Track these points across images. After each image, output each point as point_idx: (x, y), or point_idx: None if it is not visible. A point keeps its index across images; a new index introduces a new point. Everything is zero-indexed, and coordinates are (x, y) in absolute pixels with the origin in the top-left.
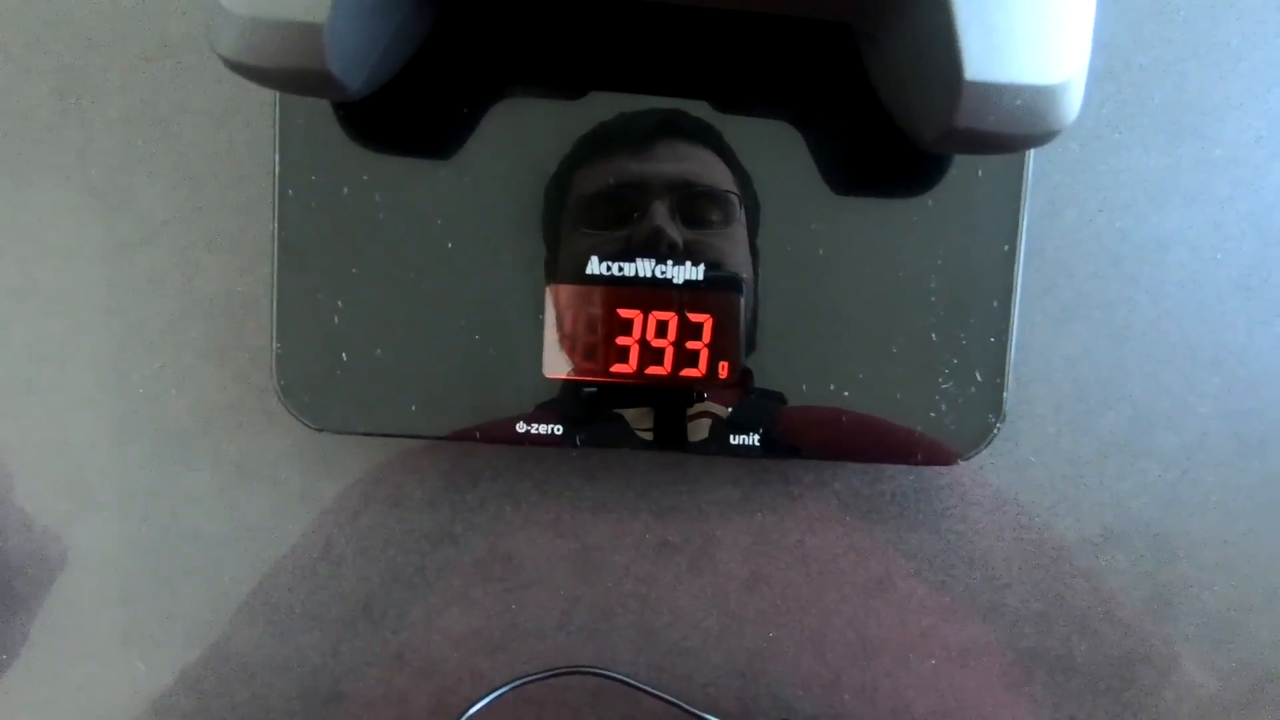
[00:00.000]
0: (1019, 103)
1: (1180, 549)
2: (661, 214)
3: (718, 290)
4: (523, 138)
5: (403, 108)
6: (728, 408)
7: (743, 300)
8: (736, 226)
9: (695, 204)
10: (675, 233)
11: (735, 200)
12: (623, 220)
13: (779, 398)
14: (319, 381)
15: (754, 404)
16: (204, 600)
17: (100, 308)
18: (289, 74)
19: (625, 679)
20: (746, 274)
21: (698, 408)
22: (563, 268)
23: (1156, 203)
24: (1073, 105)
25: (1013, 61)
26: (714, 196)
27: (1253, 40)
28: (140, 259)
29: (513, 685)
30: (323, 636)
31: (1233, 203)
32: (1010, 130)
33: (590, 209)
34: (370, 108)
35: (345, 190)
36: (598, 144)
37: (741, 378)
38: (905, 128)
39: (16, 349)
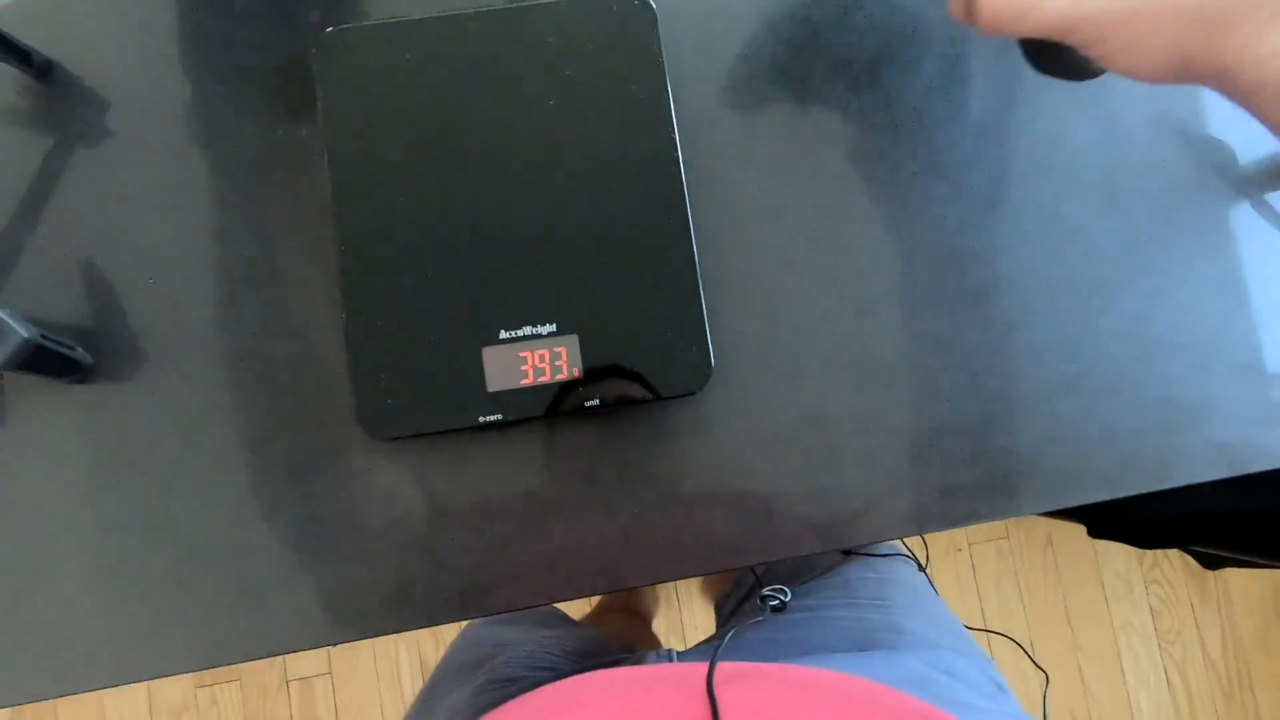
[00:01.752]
0: None
1: (831, 420)
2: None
3: (566, 335)
4: (447, 250)
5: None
6: (581, 389)
7: (578, 338)
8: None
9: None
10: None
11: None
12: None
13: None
14: (380, 413)
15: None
16: (327, 560)
17: (245, 412)
18: None
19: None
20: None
21: (566, 393)
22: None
23: (782, 249)
24: None
25: None
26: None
27: None
28: (262, 375)
29: None
30: (393, 564)
31: (851, 245)
32: None
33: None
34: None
35: None
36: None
37: (584, 375)
38: None
39: (193, 444)
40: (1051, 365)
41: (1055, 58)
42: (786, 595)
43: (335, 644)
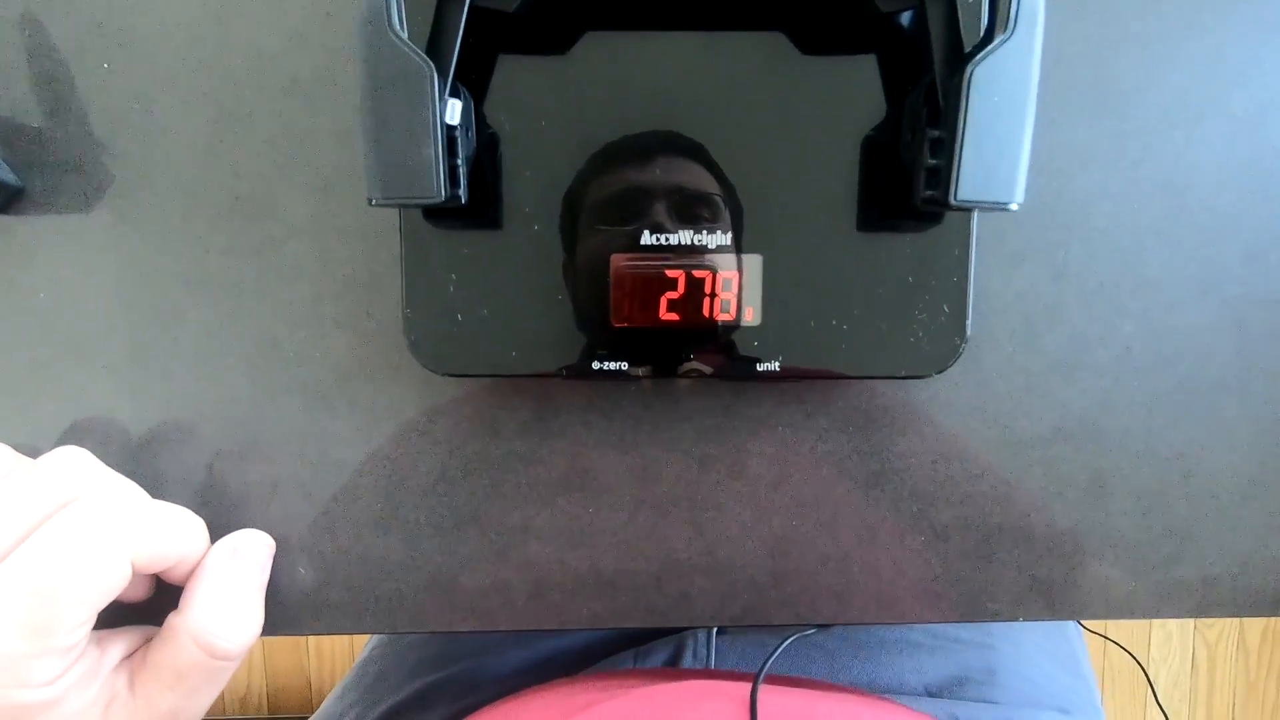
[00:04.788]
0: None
1: (1113, 441)
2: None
3: (746, 253)
4: (582, 147)
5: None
6: (754, 342)
7: (763, 261)
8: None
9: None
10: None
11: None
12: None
13: (802, 329)
14: (438, 337)
15: (772, 335)
16: (348, 517)
17: (254, 292)
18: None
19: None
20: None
21: (730, 345)
22: (624, 240)
23: (1084, 167)
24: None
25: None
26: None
27: (1155, 31)
28: (285, 251)
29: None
30: (442, 541)
31: (1144, 165)
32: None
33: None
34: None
35: None
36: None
37: (763, 322)
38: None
39: (192, 327)
40: None
41: None
42: None
43: (354, 633)
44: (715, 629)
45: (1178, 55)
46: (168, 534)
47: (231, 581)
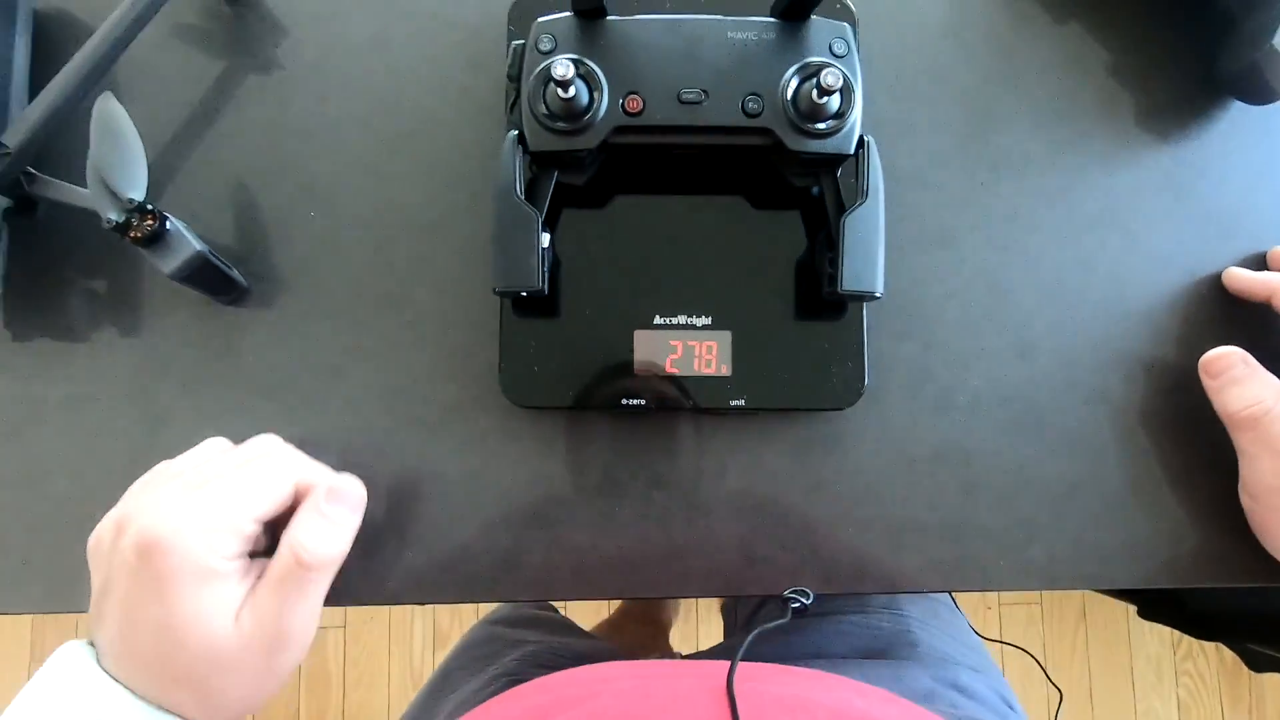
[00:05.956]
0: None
1: (975, 459)
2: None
3: (721, 329)
4: (615, 264)
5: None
6: (728, 387)
7: (731, 336)
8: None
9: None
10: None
11: (705, 298)
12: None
13: (758, 379)
14: (521, 382)
15: (740, 383)
16: (445, 513)
17: (392, 356)
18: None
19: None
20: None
21: (711, 389)
22: (642, 320)
23: (939, 279)
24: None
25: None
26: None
27: (973, 195)
28: (416, 329)
29: None
30: (510, 532)
31: (975, 277)
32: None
33: (655, 284)
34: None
35: None
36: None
37: (732, 373)
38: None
39: (349, 379)
40: (1203, 437)
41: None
42: (808, 598)
43: (440, 603)
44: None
45: (989, 210)
46: (318, 475)
47: (325, 509)
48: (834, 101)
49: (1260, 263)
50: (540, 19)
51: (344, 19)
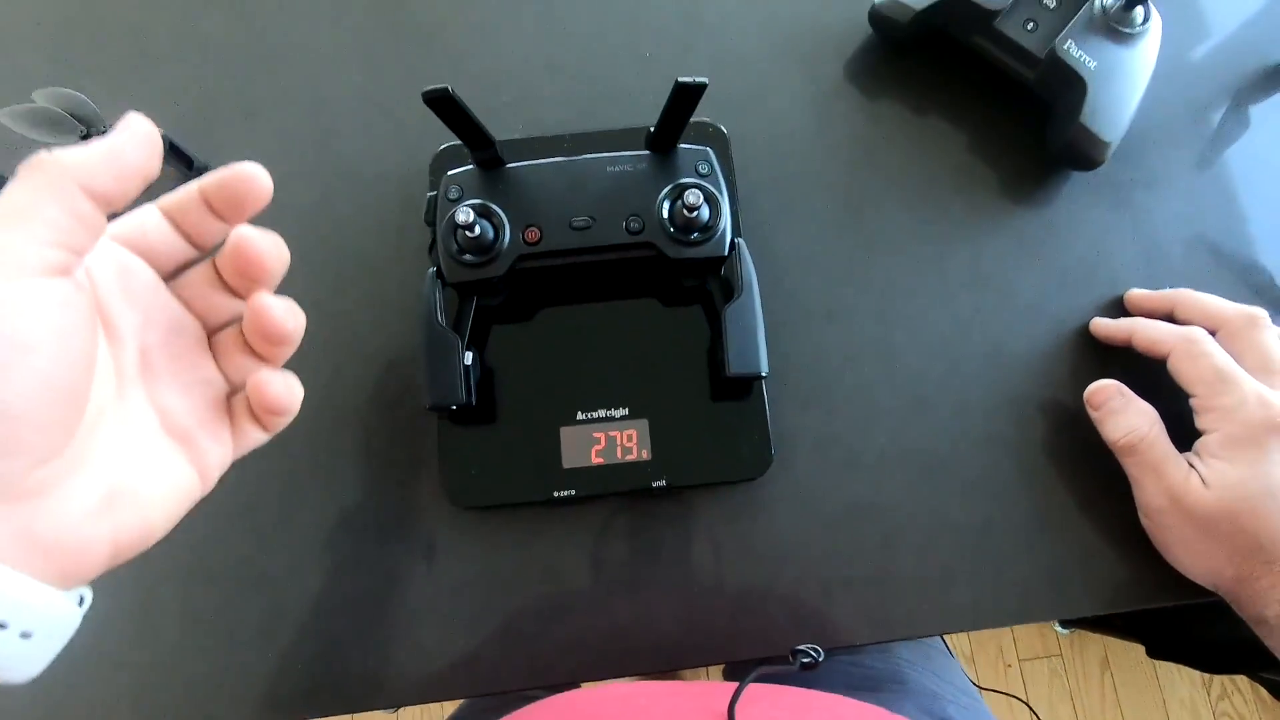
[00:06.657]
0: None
1: (888, 512)
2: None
3: (638, 418)
4: (539, 369)
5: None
6: (649, 470)
7: (648, 423)
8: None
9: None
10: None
11: (623, 391)
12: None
13: (676, 459)
14: (460, 484)
15: (660, 464)
16: (401, 622)
17: (347, 470)
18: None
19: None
20: (650, 408)
21: (635, 473)
22: (567, 417)
23: (837, 350)
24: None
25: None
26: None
27: (856, 274)
28: (367, 446)
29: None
30: (463, 629)
31: (864, 346)
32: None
33: (575, 384)
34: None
35: None
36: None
37: (652, 456)
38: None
39: (310, 496)
40: (1100, 467)
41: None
42: (819, 654)
43: (406, 705)
44: None
45: (869, 283)
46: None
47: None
48: (703, 213)
49: (1119, 304)
50: (449, 172)
51: (289, 188)
